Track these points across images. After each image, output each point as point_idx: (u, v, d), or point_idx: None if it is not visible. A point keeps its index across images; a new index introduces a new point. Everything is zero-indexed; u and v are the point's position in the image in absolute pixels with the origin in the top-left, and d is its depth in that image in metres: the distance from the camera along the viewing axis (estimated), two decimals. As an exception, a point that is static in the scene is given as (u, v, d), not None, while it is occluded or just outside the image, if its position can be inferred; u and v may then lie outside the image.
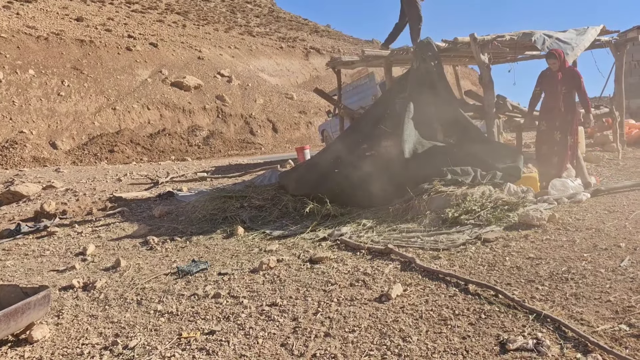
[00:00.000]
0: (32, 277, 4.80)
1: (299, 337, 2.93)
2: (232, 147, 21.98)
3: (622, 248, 3.81)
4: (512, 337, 2.61)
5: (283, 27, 46.50)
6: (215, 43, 33.60)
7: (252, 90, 27.19)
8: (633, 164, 7.88)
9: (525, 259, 3.81)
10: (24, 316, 3.12)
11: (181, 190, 9.09)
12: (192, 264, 4.62)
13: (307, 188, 6.71)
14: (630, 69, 16.68)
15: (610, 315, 2.79)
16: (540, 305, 2.98)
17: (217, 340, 2.99)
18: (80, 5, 32.31)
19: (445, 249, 4.30)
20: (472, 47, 7.08)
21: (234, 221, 6.27)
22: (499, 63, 10.81)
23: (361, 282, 3.72)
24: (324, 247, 4.83)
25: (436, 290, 3.41)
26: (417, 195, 5.59)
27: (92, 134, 19.55)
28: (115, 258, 5.01)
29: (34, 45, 21.77)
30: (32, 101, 19.15)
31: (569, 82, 6.32)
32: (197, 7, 44.12)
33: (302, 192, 6.71)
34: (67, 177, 12.02)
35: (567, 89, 6.33)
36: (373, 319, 3.06)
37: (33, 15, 26.32)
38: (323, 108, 24.81)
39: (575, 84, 6.34)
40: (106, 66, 23.21)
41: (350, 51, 38.15)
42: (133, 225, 6.78)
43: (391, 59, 9.12)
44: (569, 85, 6.32)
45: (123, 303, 3.84)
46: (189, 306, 3.62)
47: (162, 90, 23.47)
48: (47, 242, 6.27)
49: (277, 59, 36.00)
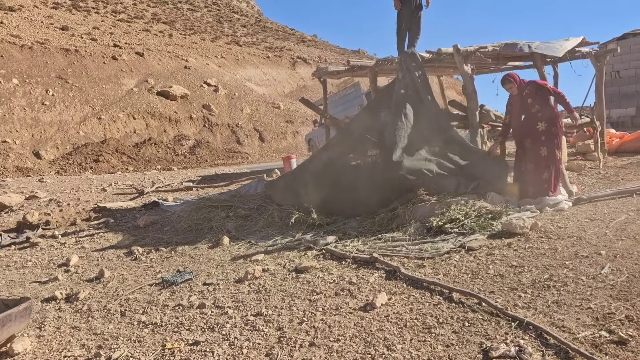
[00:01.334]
0: (13, 288, 4.73)
1: (284, 347, 2.92)
2: (218, 156, 21.93)
3: (603, 256, 3.87)
4: (495, 344, 2.63)
5: (270, 37, 46.67)
6: (202, 52, 33.60)
7: (239, 100, 27.20)
8: (614, 172, 8.01)
9: (508, 267, 3.85)
10: (5, 328, 3.07)
11: (167, 200, 9.04)
12: (177, 274, 4.59)
13: (293, 198, 6.72)
14: (611, 79, 17.02)
15: (591, 322, 2.83)
16: (522, 312, 3.02)
17: (202, 351, 2.97)
18: (65, 15, 32.16)
19: (430, 257, 4.33)
20: (456, 58, 7.17)
21: (219, 231, 6.25)
22: (482, 73, 10.97)
23: (346, 291, 3.73)
24: (309, 257, 4.83)
25: (420, 298, 3.43)
26: (402, 205, 5.63)
27: (76, 144, 19.39)
28: (99, 269, 4.96)
29: (18, 54, 21.58)
30: (16, 110, 18.95)
31: (538, 97, 5.94)
32: (184, 16, 44.14)
33: (288, 202, 6.72)
34: (50, 187, 11.89)
35: (540, 104, 5.92)
36: (358, 327, 3.07)
37: (17, 24, 26.12)
38: (310, 117, 24.93)
39: (544, 94, 5.97)
40: (91, 75, 23.08)
41: (337, 61, 38.39)
42: (117, 236, 6.72)
43: (376, 69, 9.20)
44: (539, 99, 5.93)
45: (106, 314, 3.80)
46: (174, 317, 3.59)
47: (148, 100, 23.37)
48: (29, 253, 6.19)
49: (264, 68, 36.09)
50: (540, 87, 6.02)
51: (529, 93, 5.97)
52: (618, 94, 17.53)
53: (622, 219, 4.93)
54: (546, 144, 5.88)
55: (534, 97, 5.96)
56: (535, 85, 6.03)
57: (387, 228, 5.44)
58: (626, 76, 17.59)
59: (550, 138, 5.89)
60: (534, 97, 5.96)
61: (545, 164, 5.88)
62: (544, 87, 6.06)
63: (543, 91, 5.99)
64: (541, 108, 5.93)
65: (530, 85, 6.02)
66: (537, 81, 6.22)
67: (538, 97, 5.95)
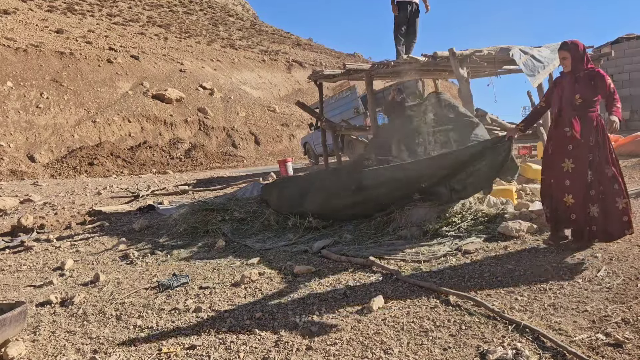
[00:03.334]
0: (8, 293, 4.69)
1: (281, 350, 2.91)
2: (214, 159, 21.89)
3: (599, 258, 3.89)
4: (492, 347, 2.63)
5: (265, 40, 46.71)
6: (197, 56, 33.59)
7: (235, 103, 27.18)
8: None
9: (504, 270, 3.85)
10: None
11: (162, 204, 9.01)
12: (172, 278, 4.57)
13: (288, 207, 6.64)
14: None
15: (587, 324, 2.83)
16: (519, 315, 3.02)
17: (198, 355, 2.96)
18: (60, 18, 32.09)
19: (427, 260, 4.33)
20: (451, 62, 7.19)
21: (215, 234, 6.23)
22: (478, 77, 11.00)
23: (343, 295, 3.72)
24: (305, 260, 4.82)
25: (417, 302, 3.43)
26: (398, 209, 5.62)
27: (71, 147, 19.31)
28: (94, 273, 4.93)
29: (12, 57, 21.50)
30: (10, 113, 18.87)
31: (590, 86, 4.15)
32: (179, 20, 44.13)
33: (284, 210, 6.64)
34: (45, 190, 11.83)
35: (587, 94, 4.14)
36: (355, 331, 3.06)
37: (12, 27, 26.04)
38: (305, 121, 24.95)
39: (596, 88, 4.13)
40: (86, 78, 23.01)
41: (333, 64, 38.45)
42: (113, 239, 6.69)
43: (372, 72, 9.21)
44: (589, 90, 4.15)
45: (102, 318, 3.78)
46: (170, 321, 3.57)
47: (144, 103, 23.32)
48: (24, 257, 6.15)
49: (260, 71, 36.10)
50: (597, 76, 4.11)
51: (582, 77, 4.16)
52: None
53: (617, 222, 4.94)
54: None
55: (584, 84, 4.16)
56: (594, 73, 4.14)
57: (384, 232, 5.44)
58: (620, 80, 17.71)
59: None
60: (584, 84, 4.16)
61: None
62: (604, 79, 4.08)
63: (598, 82, 4.10)
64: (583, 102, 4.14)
65: (589, 71, 4.16)
66: (599, 70, 4.21)
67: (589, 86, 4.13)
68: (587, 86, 4.11)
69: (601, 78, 4.08)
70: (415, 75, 10.23)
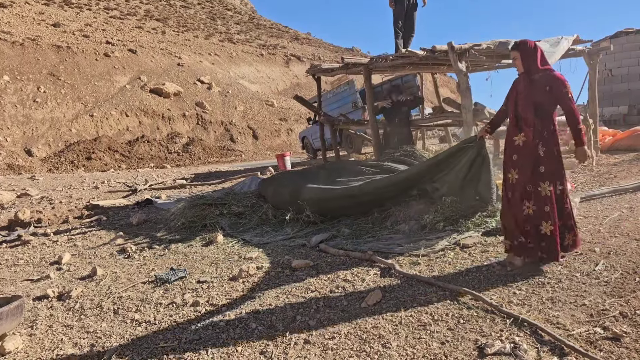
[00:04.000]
0: (5, 287, 4.68)
1: (279, 344, 2.91)
2: (212, 154, 21.83)
3: (597, 252, 3.89)
4: (490, 341, 2.63)
5: (263, 35, 46.52)
6: (195, 50, 33.44)
7: (233, 97, 27.09)
8: (607, 170, 8.05)
9: (502, 264, 3.85)
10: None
11: (160, 198, 8.99)
12: (170, 272, 4.56)
13: (286, 203, 6.61)
14: (603, 77, 17.10)
15: (585, 318, 2.83)
16: (517, 309, 3.02)
17: (196, 349, 2.95)
18: (57, 11, 31.90)
19: (425, 254, 4.33)
20: (450, 56, 7.16)
21: (213, 228, 6.21)
22: (476, 71, 10.96)
23: (341, 289, 3.72)
24: (303, 254, 4.81)
25: (415, 295, 3.43)
26: (395, 204, 5.61)
27: (68, 141, 19.23)
28: (91, 267, 4.93)
29: (9, 51, 21.37)
30: (7, 107, 18.76)
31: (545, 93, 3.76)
32: (177, 13, 43.91)
33: (281, 204, 6.61)
34: (42, 184, 11.79)
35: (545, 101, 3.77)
36: (353, 325, 3.05)
37: (8, 20, 25.87)
38: (304, 115, 24.86)
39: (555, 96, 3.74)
40: (84, 72, 22.89)
41: (331, 59, 38.35)
42: (110, 233, 6.68)
43: (370, 66, 9.17)
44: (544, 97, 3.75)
45: (99, 312, 3.77)
46: (167, 315, 3.57)
47: (141, 97, 23.22)
48: (21, 251, 6.13)
49: (258, 66, 35.97)
50: (556, 81, 3.71)
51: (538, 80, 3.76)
52: (610, 92, 17.62)
53: (616, 216, 4.95)
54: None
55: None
56: (551, 77, 3.73)
57: (382, 226, 5.43)
58: (618, 74, 17.69)
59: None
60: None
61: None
62: (564, 84, 3.70)
63: (556, 89, 3.71)
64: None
65: (546, 74, 3.76)
66: (557, 74, 3.78)
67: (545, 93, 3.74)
68: (542, 92, 3.69)
69: (558, 85, 3.67)
70: (414, 70, 10.22)
